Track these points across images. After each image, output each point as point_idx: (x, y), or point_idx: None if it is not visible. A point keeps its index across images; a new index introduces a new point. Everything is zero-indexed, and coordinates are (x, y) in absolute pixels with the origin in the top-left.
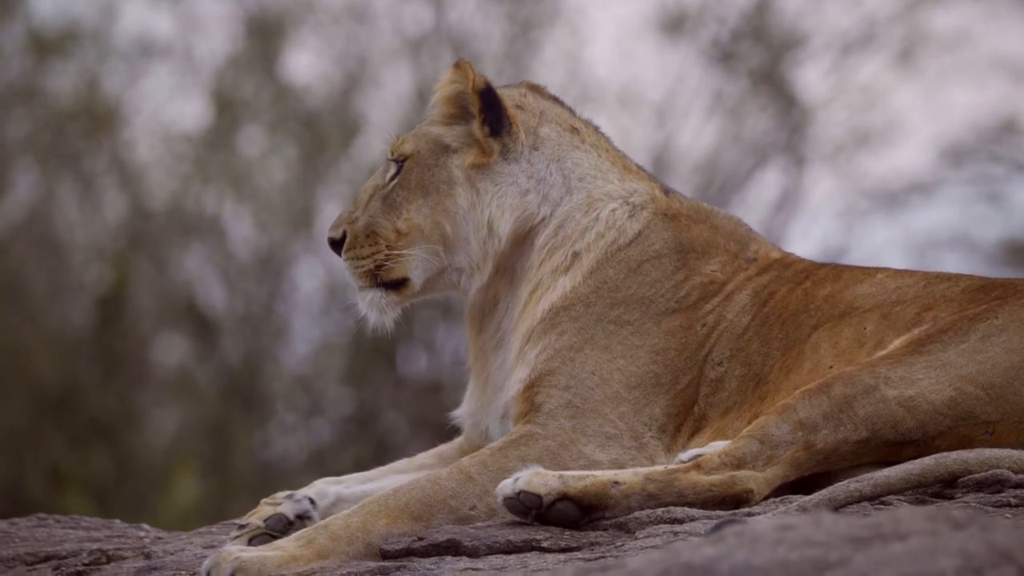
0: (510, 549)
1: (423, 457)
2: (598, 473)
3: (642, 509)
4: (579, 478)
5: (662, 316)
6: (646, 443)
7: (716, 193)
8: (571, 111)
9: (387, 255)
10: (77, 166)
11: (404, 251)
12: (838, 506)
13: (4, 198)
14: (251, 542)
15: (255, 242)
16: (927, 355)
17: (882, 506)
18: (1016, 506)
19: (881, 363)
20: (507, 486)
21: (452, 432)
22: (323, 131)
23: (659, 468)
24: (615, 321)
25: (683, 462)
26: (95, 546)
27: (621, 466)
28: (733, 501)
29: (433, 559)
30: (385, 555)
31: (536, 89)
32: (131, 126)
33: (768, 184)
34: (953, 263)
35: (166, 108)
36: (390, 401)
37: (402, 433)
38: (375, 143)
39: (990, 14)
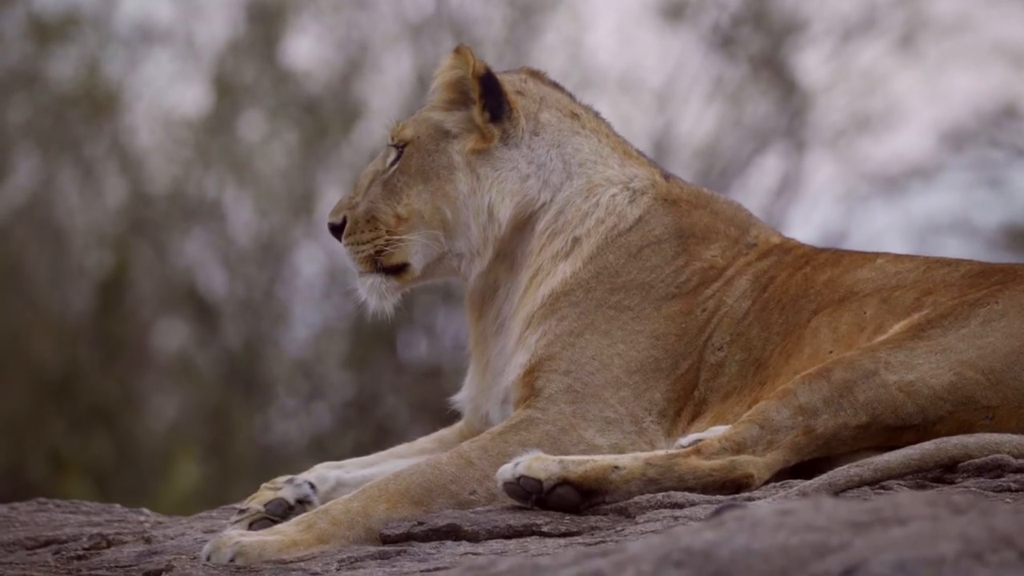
0: (510, 534)
1: (423, 442)
2: (598, 458)
3: (642, 494)
4: (579, 463)
5: (662, 301)
6: (646, 428)
7: (716, 178)
8: (571, 97)
9: (387, 240)
10: (78, 151)
11: (404, 236)
12: (838, 491)
13: (5, 183)
14: (251, 527)
15: (256, 227)
16: (927, 340)
17: (882, 491)
18: (1016, 491)
19: (881, 348)
20: (507, 471)
21: (452, 417)
22: (324, 116)
23: (659, 453)
24: (615, 306)
25: (683, 447)
26: (95, 530)
27: (621, 451)
28: (733, 486)
29: (433, 544)
30: (385, 540)
31: (536, 75)
32: (132, 111)
33: (768, 169)
34: (953, 248)
35: (167, 93)
36: (390, 386)
37: (402, 418)
38: (376, 128)
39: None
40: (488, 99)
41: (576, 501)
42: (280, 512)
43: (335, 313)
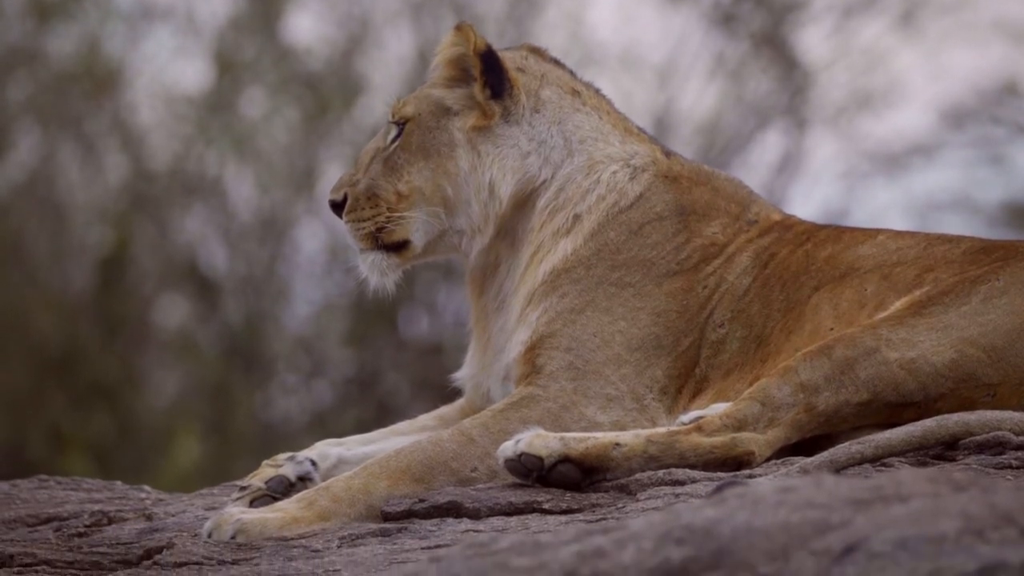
0: (511, 511)
1: (424, 419)
2: (599, 435)
3: (643, 471)
4: (580, 440)
5: (663, 278)
6: (647, 405)
7: (717, 155)
8: (572, 74)
9: (388, 217)
10: (78, 128)
11: (405, 213)
12: (839, 468)
13: (6, 160)
14: (252, 504)
15: (257, 203)
16: (928, 317)
17: (883, 468)
18: (1017, 468)
19: (882, 325)
20: (508, 448)
21: (453, 394)
22: (325, 93)
23: (660, 430)
24: (616, 283)
25: (684, 424)
26: (96, 508)
27: (622, 428)
28: (734, 463)
29: (434, 521)
30: (386, 517)
31: (537, 52)
32: (133, 88)
33: (769, 146)
34: (954, 225)
35: (168, 70)
36: (391, 363)
37: (403, 395)
38: (377, 105)
39: None
40: (489, 76)
41: (577, 478)
42: (281, 489)
43: (336, 290)
